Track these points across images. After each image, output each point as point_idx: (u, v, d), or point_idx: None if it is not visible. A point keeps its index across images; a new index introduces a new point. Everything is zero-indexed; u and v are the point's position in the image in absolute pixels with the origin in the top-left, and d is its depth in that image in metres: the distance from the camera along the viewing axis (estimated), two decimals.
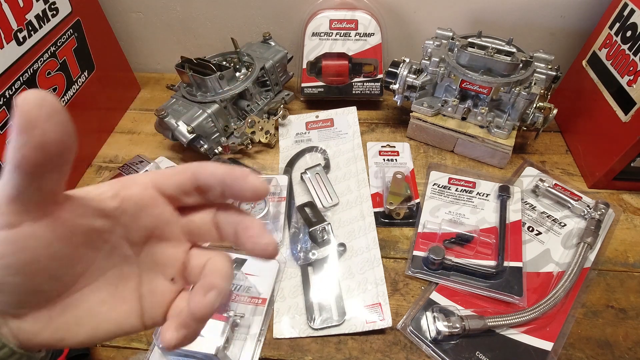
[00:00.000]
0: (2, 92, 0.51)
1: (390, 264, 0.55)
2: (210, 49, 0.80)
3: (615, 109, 0.58)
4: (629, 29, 0.58)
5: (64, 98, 0.63)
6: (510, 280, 0.51)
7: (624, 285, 0.52)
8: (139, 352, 0.48)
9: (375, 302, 0.50)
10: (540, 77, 0.62)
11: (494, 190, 0.62)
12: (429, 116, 0.68)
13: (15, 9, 0.53)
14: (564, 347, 0.47)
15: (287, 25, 0.81)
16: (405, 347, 0.48)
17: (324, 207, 0.60)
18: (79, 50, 0.66)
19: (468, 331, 0.46)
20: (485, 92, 0.62)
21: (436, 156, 0.70)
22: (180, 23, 0.83)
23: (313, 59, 0.76)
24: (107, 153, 0.73)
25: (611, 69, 0.60)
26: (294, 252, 0.56)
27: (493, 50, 0.61)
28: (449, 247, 0.55)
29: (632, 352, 0.47)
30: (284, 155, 0.70)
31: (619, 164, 0.59)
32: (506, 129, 0.63)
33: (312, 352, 0.47)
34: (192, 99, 0.66)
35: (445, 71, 0.65)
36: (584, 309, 0.50)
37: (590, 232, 0.55)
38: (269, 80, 0.73)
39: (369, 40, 0.74)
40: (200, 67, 0.66)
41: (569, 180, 0.65)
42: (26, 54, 0.55)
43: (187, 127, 0.63)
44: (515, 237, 0.56)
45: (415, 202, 0.61)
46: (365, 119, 0.77)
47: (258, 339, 0.48)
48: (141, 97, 0.86)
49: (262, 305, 0.50)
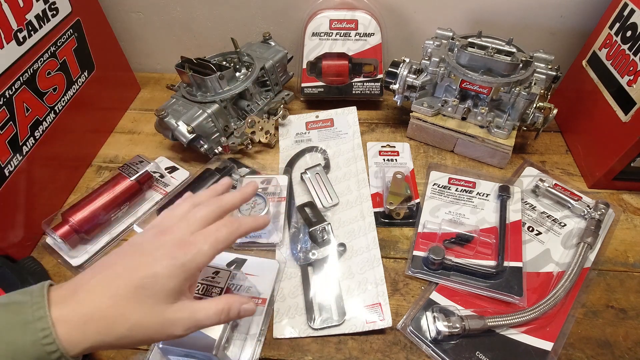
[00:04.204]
0: (2, 92, 0.51)
1: (390, 264, 0.55)
2: (210, 49, 0.80)
3: (615, 109, 0.58)
4: (629, 29, 0.58)
5: (64, 98, 0.63)
6: (510, 280, 0.51)
7: (624, 285, 0.52)
8: (139, 352, 0.48)
9: (375, 302, 0.50)
10: (540, 77, 0.62)
11: (494, 190, 0.62)
12: (429, 116, 0.68)
13: (15, 9, 0.53)
14: (564, 347, 0.47)
15: (287, 25, 0.81)
16: (405, 347, 0.48)
17: (324, 207, 0.60)
18: (79, 50, 0.66)
19: (468, 331, 0.46)
20: (485, 92, 0.62)
21: (436, 156, 0.70)
22: (180, 23, 0.83)
23: (313, 59, 0.76)
24: (107, 153, 0.73)
25: (611, 69, 0.60)
26: (294, 252, 0.56)
27: (493, 50, 0.61)
28: (449, 247, 0.55)
29: (632, 352, 0.47)
30: (284, 155, 0.70)
31: (619, 164, 0.59)
32: (506, 129, 0.63)
33: (312, 352, 0.47)
34: (192, 99, 0.66)
35: (445, 71, 0.65)
36: (584, 309, 0.50)
37: (590, 232, 0.55)
38: (269, 80, 0.73)
39: (369, 40, 0.74)
40: (200, 67, 0.66)
41: (569, 180, 0.65)
42: (26, 54, 0.55)
43: (187, 127, 0.63)
44: (515, 237, 0.56)
45: (415, 202, 0.61)
46: (365, 119, 0.77)
47: (258, 339, 0.48)
48: (141, 97, 0.86)
49: (262, 305, 0.50)
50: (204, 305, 0.35)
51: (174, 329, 0.33)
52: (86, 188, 0.66)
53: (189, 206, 0.38)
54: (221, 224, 0.37)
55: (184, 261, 0.33)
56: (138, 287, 0.32)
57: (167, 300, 0.32)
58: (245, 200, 0.41)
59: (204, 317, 0.34)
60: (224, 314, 0.35)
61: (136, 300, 0.31)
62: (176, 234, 0.35)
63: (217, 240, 0.35)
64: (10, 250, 0.54)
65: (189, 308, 0.34)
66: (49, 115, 0.60)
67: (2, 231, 0.53)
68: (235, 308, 0.36)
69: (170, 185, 0.65)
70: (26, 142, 0.56)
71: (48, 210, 0.60)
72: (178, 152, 0.72)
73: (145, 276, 0.32)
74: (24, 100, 0.55)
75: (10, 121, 0.53)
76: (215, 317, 0.35)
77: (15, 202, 0.54)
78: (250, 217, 0.41)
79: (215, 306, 0.35)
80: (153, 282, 0.32)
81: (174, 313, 0.33)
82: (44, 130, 0.59)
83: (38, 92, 0.58)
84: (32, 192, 0.57)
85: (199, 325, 0.34)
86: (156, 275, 0.32)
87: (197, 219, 0.37)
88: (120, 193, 0.59)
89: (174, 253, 0.34)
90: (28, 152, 0.56)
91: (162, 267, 0.33)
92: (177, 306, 0.33)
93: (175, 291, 0.33)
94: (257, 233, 0.56)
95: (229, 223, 0.37)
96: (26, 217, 0.56)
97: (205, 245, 0.35)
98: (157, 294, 0.32)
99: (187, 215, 0.37)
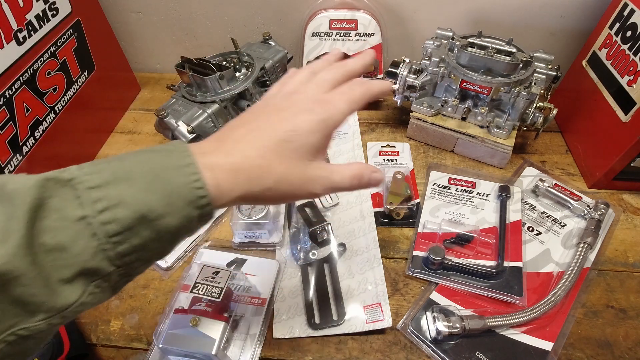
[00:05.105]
0: (2, 92, 0.51)
1: (390, 264, 0.55)
2: (210, 49, 0.80)
3: (615, 109, 0.58)
4: (629, 29, 0.58)
5: (64, 98, 0.63)
6: (510, 280, 0.51)
7: (624, 285, 0.52)
8: (139, 352, 0.48)
9: (375, 302, 0.50)
10: (540, 77, 0.62)
11: (494, 190, 0.62)
12: (429, 116, 0.68)
13: (15, 9, 0.53)
14: (564, 347, 0.47)
15: (287, 25, 0.81)
16: (405, 347, 0.48)
17: (324, 207, 0.60)
18: (79, 50, 0.66)
19: (468, 331, 0.46)
20: (485, 92, 0.62)
21: (436, 156, 0.70)
22: (180, 23, 0.83)
23: (313, 59, 0.76)
24: (107, 153, 0.73)
25: (611, 69, 0.60)
26: (294, 252, 0.56)
27: (493, 50, 0.61)
28: (449, 247, 0.55)
29: (632, 352, 0.47)
30: None
31: (619, 164, 0.59)
32: (506, 129, 0.63)
33: (312, 352, 0.47)
34: (192, 99, 0.66)
35: (445, 71, 0.65)
36: (584, 309, 0.50)
37: (590, 232, 0.55)
38: (269, 80, 0.73)
39: (369, 40, 0.74)
40: (200, 67, 0.66)
41: (569, 180, 0.65)
42: (26, 54, 0.55)
43: (187, 127, 0.63)
44: (515, 237, 0.56)
45: (415, 202, 0.61)
46: (365, 119, 0.77)
47: (258, 339, 0.48)
48: (141, 97, 0.86)
49: (262, 305, 0.50)
50: (339, 169, 0.34)
51: (314, 186, 0.32)
52: None
53: (309, 73, 0.37)
54: (354, 83, 0.36)
55: (324, 117, 0.32)
56: (282, 140, 0.31)
57: (308, 156, 0.32)
58: (367, 67, 0.40)
59: (340, 179, 0.34)
60: (357, 179, 0.34)
61: (281, 153, 0.31)
62: (309, 93, 0.34)
63: (352, 99, 0.34)
64: None
65: (328, 168, 0.33)
66: (49, 115, 0.60)
67: None
68: (367, 175, 0.35)
69: None
70: (26, 142, 0.56)
71: None
72: None
73: (288, 130, 0.31)
74: (24, 100, 0.55)
75: (10, 121, 0.53)
76: (349, 180, 0.34)
77: None
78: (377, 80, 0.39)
79: (350, 171, 0.34)
80: (296, 136, 0.31)
81: (314, 170, 0.32)
82: (44, 130, 0.59)
83: (38, 92, 0.58)
84: None
85: (335, 186, 0.34)
86: (298, 129, 0.31)
87: (325, 80, 0.35)
88: None
89: (313, 108, 0.33)
90: (28, 152, 0.56)
91: (303, 121, 0.32)
92: (317, 164, 0.33)
93: (315, 147, 0.32)
94: (257, 233, 0.57)
95: (360, 82, 0.36)
96: None
97: (341, 103, 0.34)
98: (300, 149, 0.31)
99: (314, 79, 0.36)
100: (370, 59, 0.40)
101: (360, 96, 0.35)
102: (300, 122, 0.32)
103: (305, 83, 0.36)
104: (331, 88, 0.35)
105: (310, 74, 0.37)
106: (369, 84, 0.36)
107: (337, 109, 0.33)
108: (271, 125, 0.32)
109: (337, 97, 0.34)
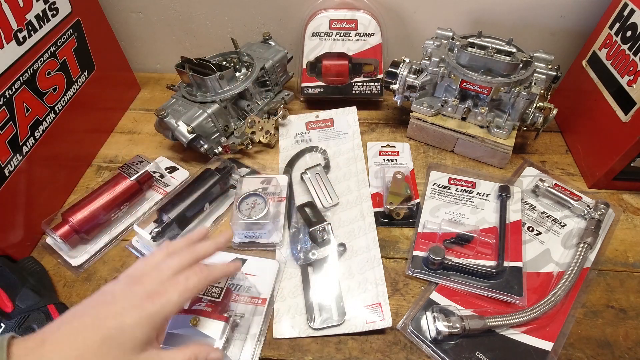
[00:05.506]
0: (2, 92, 0.51)
1: (390, 264, 0.55)
2: (210, 49, 0.80)
3: (615, 109, 0.58)
4: (629, 29, 0.58)
5: (64, 98, 0.63)
6: (510, 280, 0.51)
7: (624, 285, 0.52)
8: None
9: (375, 302, 0.50)
10: (540, 77, 0.62)
11: (494, 190, 0.62)
12: (429, 116, 0.68)
13: (15, 9, 0.53)
14: (564, 347, 0.47)
15: (287, 25, 0.81)
16: (405, 347, 0.48)
17: (324, 207, 0.60)
18: (79, 50, 0.66)
19: (468, 331, 0.46)
20: (485, 92, 0.62)
21: (436, 156, 0.70)
22: (180, 23, 0.83)
23: (313, 59, 0.76)
24: (107, 153, 0.73)
25: (611, 69, 0.60)
26: (294, 252, 0.56)
27: (493, 50, 0.61)
28: (449, 247, 0.55)
29: (632, 352, 0.47)
30: (284, 155, 0.70)
31: (619, 164, 0.59)
32: (506, 129, 0.63)
33: (312, 352, 0.47)
34: (192, 99, 0.66)
35: (445, 71, 0.65)
36: (584, 309, 0.50)
37: (590, 232, 0.55)
38: (269, 80, 0.73)
39: (369, 40, 0.74)
40: (200, 67, 0.67)
41: (569, 180, 0.65)
42: (26, 54, 0.55)
43: (187, 127, 0.63)
44: (515, 237, 0.56)
45: (415, 202, 0.61)
46: (365, 119, 0.77)
47: (258, 339, 0.48)
48: (141, 97, 0.86)
49: (262, 305, 0.50)
50: (170, 356, 0.35)
51: None
52: (86, 188, 0.66)
53: (164, 255, 0.39)
54: (191, 272, 0.38)
55: (152, 311, 0.34)
56: (106, 337, 0.32)
57: (134, 350, 0.33)
58: (219, 249, 0.43)
59: None
60: None
61: (104, 351, 0.32)
62: (147, 284, 0.36)
63: (185, 289, 0.37)
64: (10, 251, 0.54)
65: (158, 357, 0.35)
66: (49, 115, 0.60)
67: (2, 231, 0.53)
68: (202, 358, 0.37)
69: (171, 185, 0.65)
70: (26, 142, 0.56)
71: (48, 210, 0.60)
72: (178, 152, 0.72)
73: (112, 327, 0.33)
74: (24, 100, 0.55)
75: (10, 121, 0.53)
76: None
77: (15, 202, 0.54)
78: (221, 264, 0.42)
79: (182, 356, 0.36)
80: (121, 333, 0.33)
81: None
82: (44, 130, 0.59)
83: (38, 92, 0.58)
84: (32, 192, 0.57)
85: None
86: (124, 325, 0.33)
87: (169, 267, 0.38)
88: (120, 193, 0.59)
89: (142, 303, 0.34)
90: (28, 152, 0.56)
91: (130, 318, 0.33)
92: (144, 356, 0.34)
93: (143, 341, 0.33)
94: (257, 233, 0.57)
95: (198, 271, 0.38)
96: (26, 217, 0.56)
97: (174, 295, 0.36)
98: (125, 344, 0.32)
99: (160, 265, 0.38)
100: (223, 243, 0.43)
101: (194, 286, 0.37)
102: (128, 319, 0.33)
103: (153, 268, 0.38)
104: (174, 274, 0.37)
105: (164, 256, 0.40)
106: (208, 272, 0.39)
107: (169, 301, 0.35)
108: (97, 322, 0.33)
109: (171, 288, 0.36)
